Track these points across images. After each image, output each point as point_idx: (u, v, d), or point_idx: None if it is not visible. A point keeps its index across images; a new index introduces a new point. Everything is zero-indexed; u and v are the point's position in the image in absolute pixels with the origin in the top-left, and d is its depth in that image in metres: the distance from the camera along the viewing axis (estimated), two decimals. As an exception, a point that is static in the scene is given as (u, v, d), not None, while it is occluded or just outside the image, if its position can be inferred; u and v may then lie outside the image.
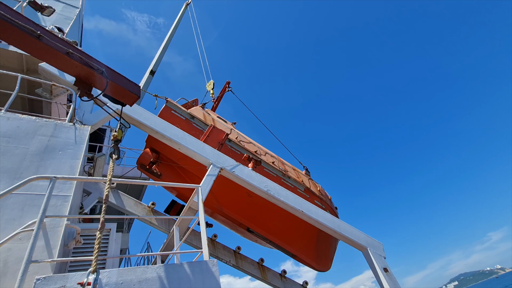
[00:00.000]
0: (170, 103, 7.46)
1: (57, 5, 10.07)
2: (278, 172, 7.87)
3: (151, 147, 7.29)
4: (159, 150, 7.25)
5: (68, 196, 3.95)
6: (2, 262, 3.18)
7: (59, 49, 3.01)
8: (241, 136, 8.34)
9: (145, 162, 7.05)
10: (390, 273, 6.08)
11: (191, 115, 7.63)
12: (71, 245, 3.94)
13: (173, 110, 7.41)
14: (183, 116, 7.48)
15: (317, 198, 8.14)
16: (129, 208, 6.98)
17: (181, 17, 15.67)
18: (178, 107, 7.59)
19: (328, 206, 8.35)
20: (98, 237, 2.60)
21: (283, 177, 7.87)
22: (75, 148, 4.53)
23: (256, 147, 8.36)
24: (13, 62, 6.75)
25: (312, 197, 8.06)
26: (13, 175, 3.87)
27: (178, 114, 7.44)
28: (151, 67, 12.55)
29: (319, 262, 8.27)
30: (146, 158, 7.08)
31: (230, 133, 7.67)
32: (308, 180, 8.89)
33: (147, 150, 7.24)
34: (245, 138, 8.40)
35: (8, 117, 4.32)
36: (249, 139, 8.61)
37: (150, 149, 7.26)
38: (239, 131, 8.82)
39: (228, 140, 7.57)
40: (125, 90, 3.52)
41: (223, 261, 7.42)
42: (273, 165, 7.95)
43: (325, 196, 8.76)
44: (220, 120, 8.51)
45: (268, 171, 7.71)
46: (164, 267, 2.96)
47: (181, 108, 7.63)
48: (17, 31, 2.69)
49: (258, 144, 8.77)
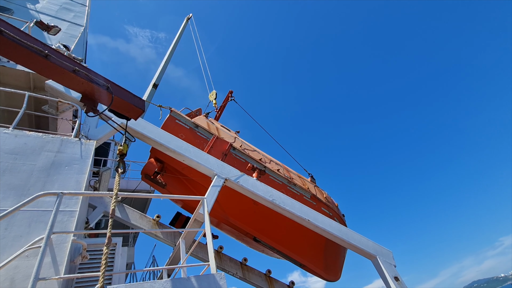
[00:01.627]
0: (175, 113, 7.52)
1: (63, 24, 10.40)
2: (283, 180, 7.82)
3: (156, 157, 7.30)
4: (163, 160, 7.25)
5: (74, 211, 3.96)
6: (9, 280, 3.17)
7: (66, 67, 3.09)
8: (245, 144, 8.35)
9: (150, 172, 7.05)
10: (401, 282, 5.92)
11: (195, 124, 7.66)
12: (78, 260, 3.92)
13: (178, 120, 7.47)
14: (187, 125, 7.53)
15: (323, 205, 8.04)
16: (134, 222, 6.95)
17: (183, 30, 16.08)
18: (183, 116, 7.64)
19: (335, 213, 8.22)
20: (105, 253, 2.59)
21: (289, 185, 7.81)
22: (81, 163, 4.58)
23: (261, 155, 8.36)
24: (21, 80, 6.92)
25: (319, 204, 7.97)
26: (20, 192, 3.90)
27: (183, 123, 7.48)
28: (154, 80, 12.77)
29: (328, 271, 8.08)
30: (150, 168, 7.09)
31: (234, 141, 7.70)
32: (314, 187, 8.81)
33: (151, 160, 7.26)
34: (249, 146, 8.41)
35: (15, 134, 4.40)
36: (253, 147, 8.62)
37: (155, 159, 7.27)
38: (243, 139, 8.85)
39: (233, 148, 7.58)
40: (130, 105, 3.58)
41: (229, 273, 7.30)
42: (279, 172, 7.91)
43: (331, 203, 8.64)
44: (224, 129, 8.54)
45: (274, 178, 7.67)
46: (171, 282, 2.93)
47: (185, 117, 7.67)
48: (26, 51, 2.77)
49: (262, 152, 8.78)
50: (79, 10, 12.03)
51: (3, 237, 3.44)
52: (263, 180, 6.64)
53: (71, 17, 11.27)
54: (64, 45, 6.50)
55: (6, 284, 3.12)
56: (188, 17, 16.74)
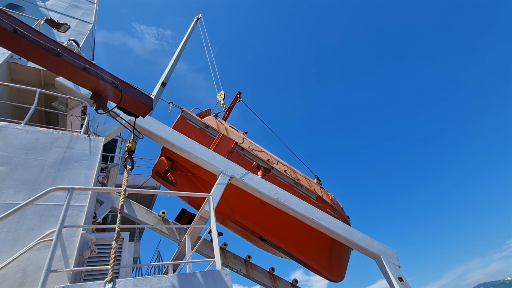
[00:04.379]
0: (186, 113, 7.74)
1: (72, 21, 10.55)
2: (290, 181, 7.99)
3: (166, 155, 7.50)
4: (174, 159, 7.44)
5: (83, 206, 4.05)
6: (22, 272, 3.27)
7: (77, 65, 3.15)
8: (253, 145, 8.54)
9: (161, 170, 7.26)
10: (405, 282, 5.91)
11: (205, 124, 7.86)
12: (86, 254, 4.02)
13: (188, 120, 7.70)
14: (198, 125, 7.74)
15: (329, 206, 8.15)
16: (140, 217, 7.07)
17: (192, 31, 16.25)
18: (193, 116, 7.85)
19: (340, 215, 8.32)
20: (114, 247, 2.66)
21: (296, 186, 7.96)
22: (90, 159, 4.67)
23: (268, 155, 8.52)
24: (32, 77, 7.06)
25: (325, 205, 8.07)
26: (32, 186, 4.00)
27: (193, 123, 7.71)
28: (162, 78, 12.84)
29: (333, 272, 8.22)
30: (161, 166, 7.30)
31: (242, 142, 7.89)
32: (320, 189, 8.95)
33: (162, 159, 7.47)
34: (257, 147, 8.59)
35: (27, 130, 4.51)
36: (261, 148, 8.79)
37: (166, 157, 7.47)
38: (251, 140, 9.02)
39: (241, 148, 7.76)
40: (139, 102, 3.64)
41: (233, 270, 7.38)
42: (285, 173, 8.06)
43: (337, 205, 8.77)
44: (232, 130, 8.73)
45: (281, 179, 7.81)
46: (178, 277, 2.98)
47: (196, 117, 7.89)
48: (39, 50, 2.84)
49: (270, 153, 8.95)
50: (88, 7, 12.18)
51: (16, 230, 3.54)
52: (271, 180, 6.73)
53: (80, 14, 11.42)
54: (74, 41, 6.60)
55: (18, 275, 3.22)
56: (198, 18, 16.90)
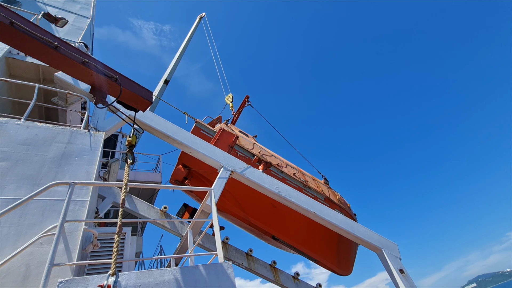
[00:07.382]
0: (199, 123, 8.20)
1: (69, 16, 10.43)
2: (299, 183, 8.40)
3: (183, 163, 7.93)
4: (189, 166, 7.85)
5: (85, 201, 4.06)
6: (25, 266, 3.29)
7: (76, 58, 3.11)
8: (263, 150, 8.94)
9: (179, 178, 7.69)
10: (406, 274, 5.95)
11: None
12: (89, 248, 4.04)
13: (202, 130, 8.18)
14: (211, 134, 8.18)
15: (336, 206, 8.57)
16: (142, 212, 7.09)
17: (195, 29, 16.16)
18: (206, 126, 8.31)
19: (347, 214, 8.68)
20: (117, 241, 2.66)
21: (304, 188, 8.43)
22: (91, 154, 4.65)
23: (278, 159, 8.87)
24: (30, 72, 7.00)
25: (332, 205, 8.54)
26: (33, 181, 4.00)
27: (206, 133, 8.20)
28: (165, 76, 12.72)
29: (341, 266, 8.61)
30: (179, 174, 7.74)
31: (253, 148, 8.35)
32: (328, 189, 9.32)
33: (179, 167, 7.85)
34: (267, 152, 9.00)
35: (27, 125, 4.49)
36: (271, 152, 9.21)
37: (182, 165, 7.86)
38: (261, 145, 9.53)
39: (252, 155, 8.18)
40: (138, 96, 3.61)
41: (235, 263, 7.43)
42: (294, 176, 8.41)
43: (344, 204, 9.14)
44: (242, 135, 9.14)
45: (290, 182, 8.12)
46: (180, 270, 2.99)
47: (209, 127, 8.33)
48: (36, 43, 2.80)
49: (279, 156, 9.34)
50: (85, 2, 12.03)
51: (18, 224, 3.55)
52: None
53: (78, 9, 11.28)
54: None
55: (22, 269, 3.24)
56: (201, 16, 16.72)
